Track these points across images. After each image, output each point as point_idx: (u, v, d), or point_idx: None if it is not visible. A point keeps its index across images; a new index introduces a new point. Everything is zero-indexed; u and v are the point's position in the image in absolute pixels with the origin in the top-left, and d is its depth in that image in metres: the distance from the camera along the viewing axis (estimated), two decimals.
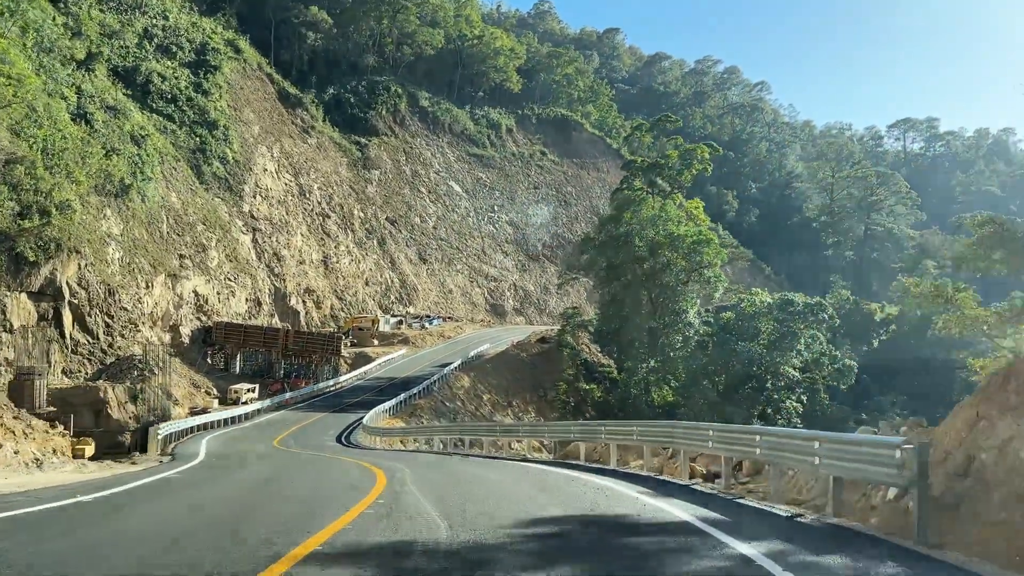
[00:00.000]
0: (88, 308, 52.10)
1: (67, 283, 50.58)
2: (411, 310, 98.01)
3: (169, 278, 64.22)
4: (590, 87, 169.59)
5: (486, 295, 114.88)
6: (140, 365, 52.63)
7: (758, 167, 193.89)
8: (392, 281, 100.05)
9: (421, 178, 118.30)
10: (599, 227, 75.40)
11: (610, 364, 77.84)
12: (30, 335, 47.01)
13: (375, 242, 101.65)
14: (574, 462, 20.96)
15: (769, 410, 65.94)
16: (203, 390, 59.19)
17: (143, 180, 66.06)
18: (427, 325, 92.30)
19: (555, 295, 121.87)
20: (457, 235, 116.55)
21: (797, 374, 66.03)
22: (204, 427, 43.25)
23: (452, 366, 65.62)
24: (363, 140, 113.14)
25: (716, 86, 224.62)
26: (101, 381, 49.31)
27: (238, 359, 67.55)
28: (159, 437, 32.70)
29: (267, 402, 54.42)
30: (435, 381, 58.88)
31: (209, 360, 66.30)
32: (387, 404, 45.87)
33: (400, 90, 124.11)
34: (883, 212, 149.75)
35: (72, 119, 61.43)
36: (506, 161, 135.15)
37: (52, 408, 42.58)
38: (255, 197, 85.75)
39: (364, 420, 37.91)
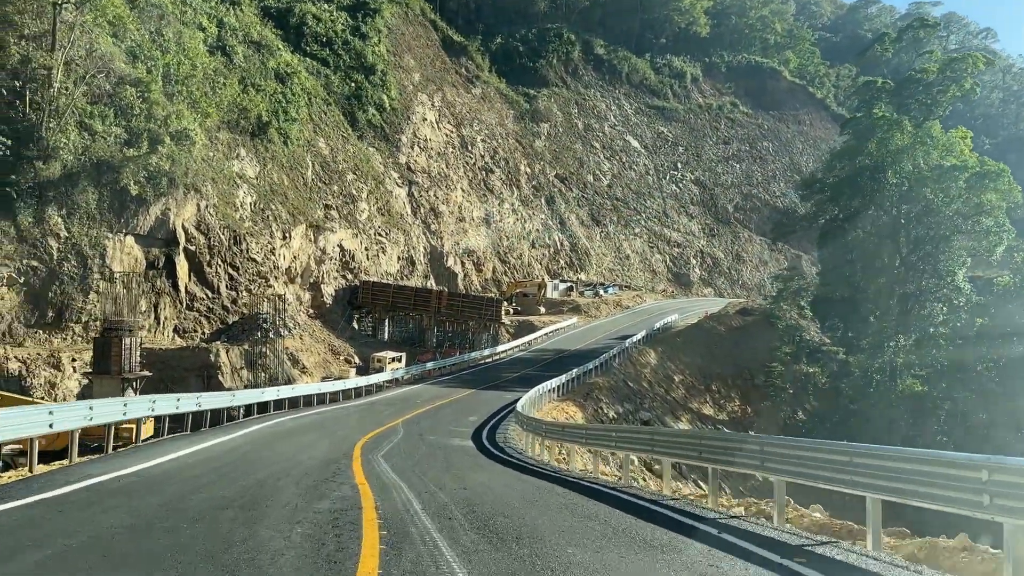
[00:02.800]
0: (208, 257, 44.39)
1: (183, 226, 43.02)
2: (582, 276, 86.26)
3: (311, 229, 56.27)
4: (788, 31, 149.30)
5: (668, 262, 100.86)
6: (265, 325, 44.40)
7: (991, 121, 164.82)
8: (561, 244, 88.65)
9: (595, 132, 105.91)
10: (828, 165, 59.56)
11: (829, 342, 61.93)
12: (135, 285, 39.61)
13: (543, 201, 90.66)
14: None
15: None
16: (343, 357, 50.61)
17: (286, 121, 58.57)
18: (602, 293, 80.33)
19: (749, 263, 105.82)
20: (635, 195, 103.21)
21: None
22: (294, 403, 32.98)
23: (635, 338, 53.13)
24: (531, 91, 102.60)
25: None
26: (218, 343, 41.35)
27: (387, 324, 58.82)
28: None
29: (400, 372, 44.48)
30: (615, 356, 46.65)
31: (355, 324, 58.00)
32: (553, 382, 34.15)
33: (573, 38, 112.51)
34: None
35: (209, 52, 54.57)
36: (691, 114, 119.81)
37: (146, 373, 34.63)
38: (413, 148, 77.11)
39: (519, 405, 26.05)
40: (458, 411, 28.59)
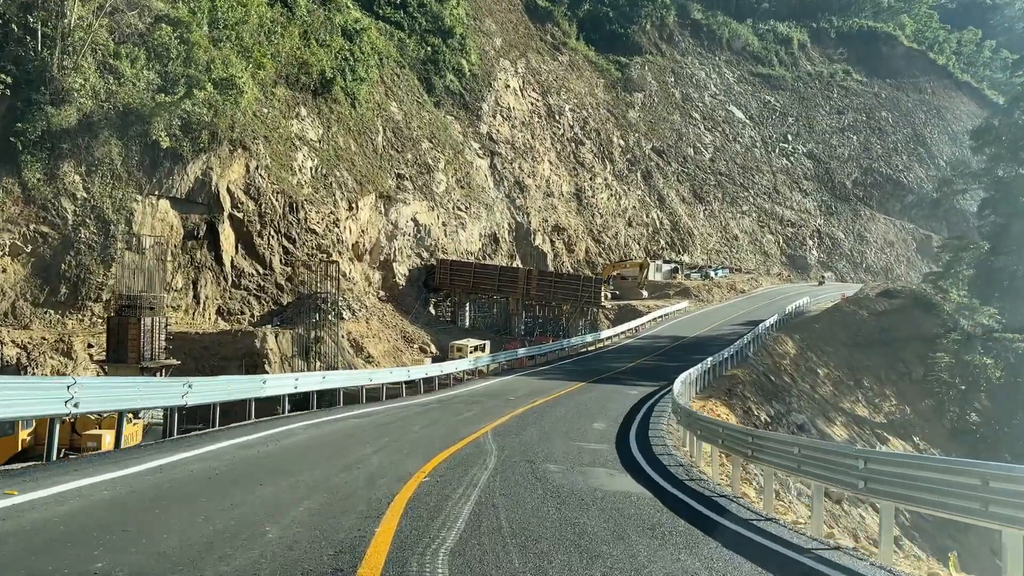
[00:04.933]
0: (259, 226, 37.67)
1: (228, 189, 36.37)
2: (685, 258, 76.98)
3: (381, 200, 49.29)
4: None
5: (781, 243, 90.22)
6: (324, 307, 37.37)
7: None
8: (661, 222, 79.51)
9: (693, 102, 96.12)
10: (1007, 111, 49.02)
11: (997, 327, 51.01)
12: (170, 257, 33.16)
13: (639, 175, 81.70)
14: None
15: None
16: (417, 345, 43.33)
17: (354, 80, 51.80)
18: (712, 275, 71.00)
19: (873, 244, 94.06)
20: (741, 169, 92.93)
21: None
22: (327, 400, 23.42)
23: (767, 323, 44.06)
24: (623, 59, 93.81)
25: None
26: (267, 327, 34.50)
27: (468, 310, 51.39)
28: None
29: (486, 360, 36.65)
30: (748, 344, 37.79)
31: (433, 310, 50.79)
32: (693, 371, 25.64)
33: (668, 2, 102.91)
34: None
35: (268, 5, 48.14)
36: (800, 82, 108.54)
37: (171, 361, 27.96)
38: (495, 117, 69.55)
39: (676, 394, 17.64)
40: (572, 413, 20.17)
